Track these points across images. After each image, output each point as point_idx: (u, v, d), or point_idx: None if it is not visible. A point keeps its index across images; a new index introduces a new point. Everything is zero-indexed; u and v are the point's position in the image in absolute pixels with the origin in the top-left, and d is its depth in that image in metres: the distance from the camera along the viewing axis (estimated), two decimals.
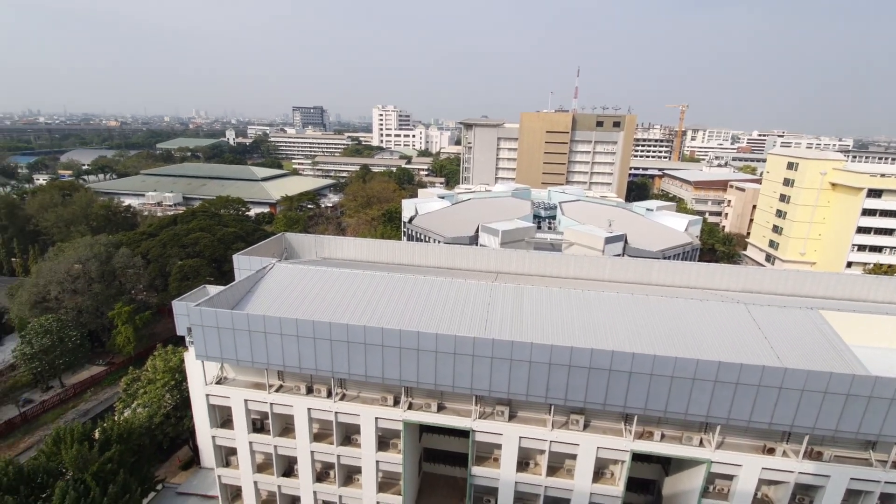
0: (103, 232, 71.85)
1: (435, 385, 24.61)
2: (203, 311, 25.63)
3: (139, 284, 59.22)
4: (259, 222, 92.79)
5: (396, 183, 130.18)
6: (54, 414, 47.10)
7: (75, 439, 30.06)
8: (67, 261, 54.74)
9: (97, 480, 28.51)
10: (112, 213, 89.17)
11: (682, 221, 61.58)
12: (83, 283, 53.81)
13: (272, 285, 30.32)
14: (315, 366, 25.39)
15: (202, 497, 34.00)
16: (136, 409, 36.00)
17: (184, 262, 60.33)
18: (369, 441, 27.23)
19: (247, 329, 25.38)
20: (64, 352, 48.39)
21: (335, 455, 28.13)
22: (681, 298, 29.09)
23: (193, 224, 69.85)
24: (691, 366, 21.91)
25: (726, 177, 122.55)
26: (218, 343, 25.96)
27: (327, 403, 26.89)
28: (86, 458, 29.23)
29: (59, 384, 50.64)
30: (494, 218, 57.57)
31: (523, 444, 25.72)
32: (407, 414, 26.18)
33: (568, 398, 23.56)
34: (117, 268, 56.80)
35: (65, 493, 27.13)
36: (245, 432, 28.64)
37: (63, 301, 52.81)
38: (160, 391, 35.98)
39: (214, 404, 28.80)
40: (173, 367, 37.00)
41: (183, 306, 27.73)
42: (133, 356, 53.77)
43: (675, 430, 25.05)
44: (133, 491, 30.12)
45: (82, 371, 53.36)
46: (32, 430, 45.05)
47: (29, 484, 28.28)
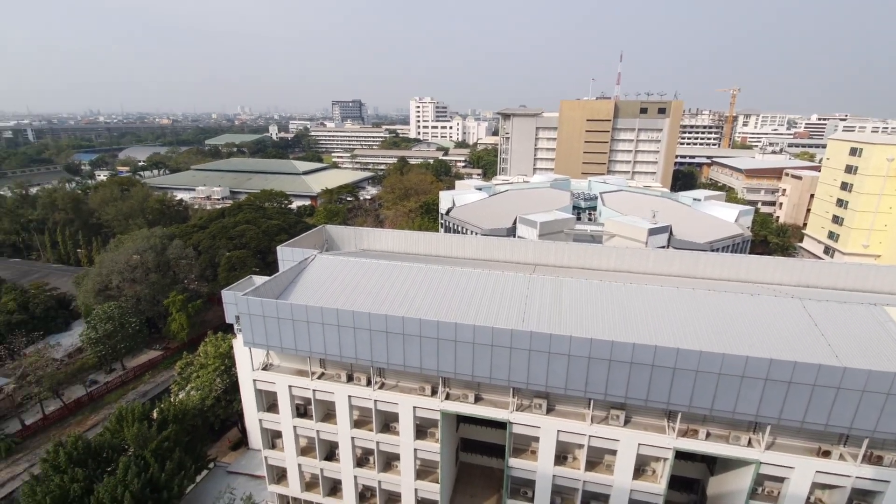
0: (158, 225, 76.00)
1: (472, 376, 24.75)
2: (250, 301, 26.76)
3: (191, 274, 62.37)
4: (301, 215, 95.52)
5: (433, 175, 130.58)
6: (117, 394, 50.62)
7: (136, 418, 32.24)
8: (127, 252, 58.31)
9: (156, 457, 30.53)
10: (166, 207, 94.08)
11: (732, 212, 58.70)
12: (141, 273, 57.23)
13: (314, 276, 31.23)
14: (355, 355, 26.05)
15: (250, 476, 35.75)
16: (189, 391, 38.16)
17: (231, 253, 63.07)
18: (407, 429, 27.76)
19: (290, 318, 26.31)
20: (125, 337, 51.77)
21: (374, 442, 28.86)
22: (730, 292, 27.85)
23: (240, 217, 72.77)
24: (740, 363, 21.01)
25: (781, 164, 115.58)
26: (264, 331, 27.06)
27: (367, 391, 27.57)
28: (145, 436, 31.31)
29: (120, 367, 54.30)
30: (532, 209, 56.83)
31: (561, 437, 25.51)
32: (444, 404, 26.48)
33: (608, 393, 23.15)
34: (171, 258, 60.01)
35: (127, 467, 29.21)
36: (289, 417, 29.82)
37: (123, 289, 56.39)
38: (211, 375, 37.96)
39: (261, 389, 30.11)
40: (223, 353, 38.89)
41: (231, 295, 29.03)
42: (186, 342, 56.87)
43: (722, 429, 24.15)
44: (188, 468, 32.08)
45: (141, 355, 56.97)
46: (98, 408, 48.62)
47: (96, 458, 30.62)
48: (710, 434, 23.97)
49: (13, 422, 44.78)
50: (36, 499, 27.87)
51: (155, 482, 29.65)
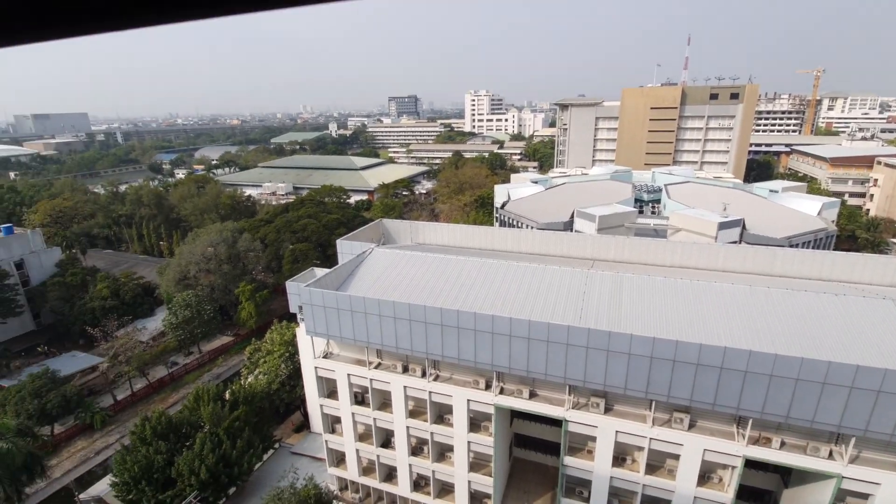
0: (229, 219, 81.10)
1: (527, 372, 24.53)
2: (312, 292, 28.02)
3: (258, 266, 66.13)
4: (358, 209, 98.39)
5: (488, 168, 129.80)
6: (194, 375, 54.85)
7: (211, 399, 34.79)
8: (202, 244, 62.77)
9: (228, 435, 32.83)
10: (236, 203, 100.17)
11: (815, 204, 53.87)
12: (215, 264, 61.44)
13: (371, 269, 32.14)
14: (410, 346, 26.60)
15: (312, 458, 37.58)
16: (257, 375, 40.62)
17: (294, 246, 66.21)
18: (461, 422, 28.02)
19: (349, 309, 27.29)
20: (201, 323, 55.89)
21: (429, 432, 29.39)
22: (811, 292, 25.66)
23: (302, 211, 76.12)
24: (821, 368, 19.36)
25: (872, 152, 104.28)
26: (325, 321, 28.26)
27: (422, 383, 28.10)
28: (219, 416, 33.73)
29: (197, 350, 58.73)
30: (591, 202, 55.11)
31: (620, 438, 24.75)
32: (498, 398, 26.46)
33: (671, 395, 22.14)
34: (241, 251, 63.94)
35: (203, 443, 31.65)
36: (348, 404, 31.02)
37: (199, 279, 60.82)
38: (277, 361, 40.18)
39: (322, 376, 31.52)
40: (287, 341, 41.02)
41: (295, 286, 30.52)
42: (254, 329, 60.46)
43: (799, 439, 22.41)
44: (256, 447, 34.26)
45: (215, 340, 61.27)
46: (178, 387, 52.95)
47: (176, 433, 33.41)
48: (784, 443, 22.32)
49: (106, 397, 49.74)
50: (126, 467, 30.90)
51: (227, 458, 31.93)
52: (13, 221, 79.99)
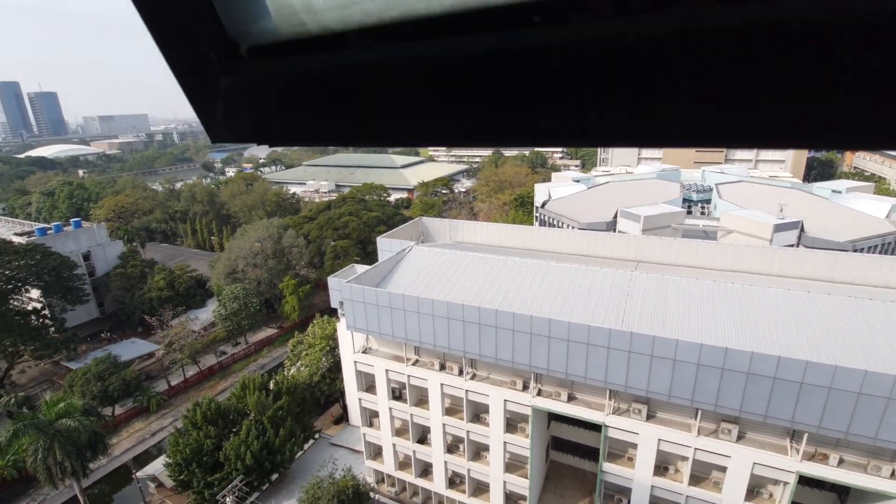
0: (275, 216, 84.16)
1: (566, 374, 24.13)
2: (352, 288, 28.66)
3: (302, 261, 68.28)
4: (398, 207, 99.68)
5: (529, 167, 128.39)
6: (241, 365, 57.33)
7: (256, 388, 36.25)
8: (249, 240, 65.45)
9: (272, 423, 34.13)
10: (282, 200, 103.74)
11: (883, 206, 49.99)
12: (261, 259, 63.94)
13: (411, 266, 32.50)
14: (448, 344, 26.72)
15: (350, 450, 38.48)
16: (299, 367, 41.99)
17: (336, 243, 67.90)
18: (497, 422, 27.92)
19: (388, 306, 27.72)
20: (248, 315, 58.32)
21: (465, 430, 29.45)
22: (877, 300, 23.87)
23: (343, 209, 77.90)
24: (888, 382, 17.99)
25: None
26: (364, 316, 28.84)
27: (458, 381, 28.18)
28: (264, 404, 35.11)
29: (244, 341, 61.34)
30: (636, 202, 53.45)
31: (662, 447, 23.93)
32: (535, 400, 26.17)
33: (719, 404, 21.19)
34: (285, 247, 66.21)
35: (249, 430, 33.05)
36: (386, 399, 31.54)
37: (247, 273, 63.47)
38: (318, 354, 41.38)
39: (361, 371, 32.20)
40: (328, 335, 42.15)
41: (336, 282, 31.32)
42: (297, 322, 62.49)
43: (860, 456, 20.93)
44: (297, 436, 35.45)
45: (260, 332, 63.78)
46: (226, 376, 55.51)
47: (224, 419, 35.04)
48: (843, 460, 20.91)
49: (161, 382, 52.80)
50: (178, 448, 32.72)
51: (270, 445, 33.22)
52: (81, 216, 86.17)
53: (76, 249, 64.75)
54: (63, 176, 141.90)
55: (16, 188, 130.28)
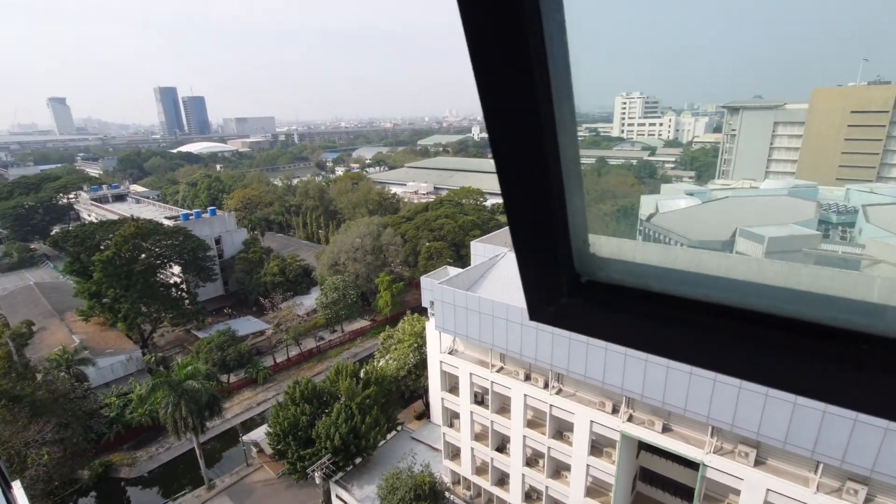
0: (376, 214, 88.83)
1: (662, 403, 22.33)
2: (444, 289, 29.24)
3: (397, 259, 71.30)
4: (494, 212, 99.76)
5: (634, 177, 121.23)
6: (336, 351, 61.38)
7: (348, 374, 38.50)
8: (352, 235, 69.86)
9: (359, 409, 36.03)
10: (383, 199, 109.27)
11: None
12: (360, 254, 67.91)
13: (503, 272, 32.33)
14: (535, 355, 26.13)
15: (429, 447, 39.25)
16: (388, 360, 43.83)
17: (430, 244, 69.86)
18: (581, 442, 26.68)
19: (477, 310, 27.84)
20: (345, 305, 62.29)
21: (546, 446, 28.57)
22: None
23: (440, 211, 79.86)
24: None
25: None
26: (453, 318, 29.27)
27: (543, 394, 27.42)
28: (353, 391, 37.18)
29: (340, 329, 65.59)
30: (759, 221, 47.93)
31: (771, 497, 21.12)
32: (626, 426, 24.58)
33: (846, 460, 18.18)
34: (383, 244, 69.64)
35: (339, 413, 35.21)
36: (468, 402, 31.70)
37: (347, 266, 67.81)
38: (406, 350, 42.86)
39: (445, 371, 32.73)
40: (417, 332, 43.47)
41: (428, 282, 32.19)
42: (389, 317, 65.34)
43: None
44: (381, 425, 37.00)
45: (355, 322, 67.74)
46: (323, 359, 59.78)
47: (318, 399, 37.70)
48: None
49: (268, 358, 58.35)
50: (278, 420, 35.90)
51: (357, 430, 35.08)
52: (216, 205, 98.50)
53: (210, 234, 74.06)
54: (204, 169, 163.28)
55: (168, 178, 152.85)
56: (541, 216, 1.41)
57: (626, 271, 1.50)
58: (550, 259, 1.47)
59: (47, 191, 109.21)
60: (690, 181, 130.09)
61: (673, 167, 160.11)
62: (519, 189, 1.38)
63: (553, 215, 1.40)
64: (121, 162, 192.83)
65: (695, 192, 64.66)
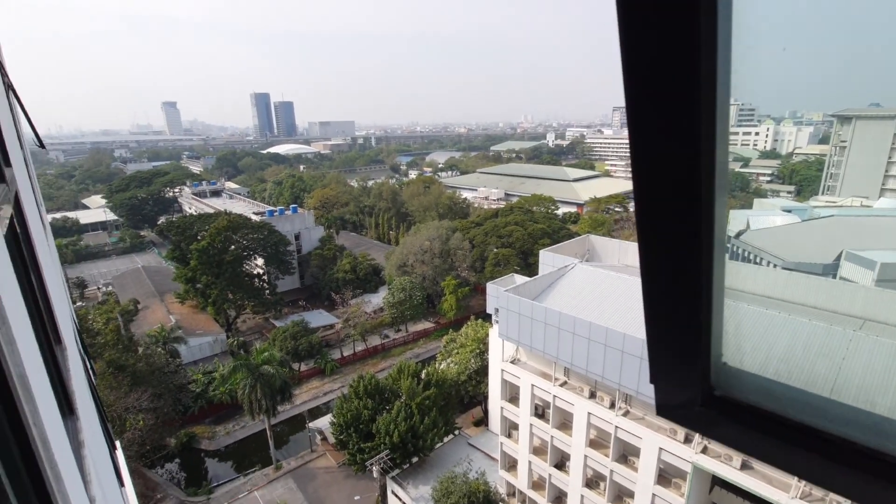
0: (446, 218, 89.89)
1: None
2: (509, 297, 28.88)
3: (464, 264, 71.62)
4: (565, 221, 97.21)
5: None
6: (399, 350, 62.79)
7: (410, 374, 39.19)
8: (421, 238, 71.22)
9: (419, 410, 36.52)
10: (453, 204, 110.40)
11: None
12: (428, 257, 69.04)
13: (571, 284, 31.36)
14: (602, 373, 25.01)
15: (486, 455, 38.89)
16: (449, 364, 44.04)
17: (498, 250, 69.42)
18: (648, 470, 25.10)
19: (543, 321, 27.19)
20: (411, 306, 63.59)
21: (608, 469, 27.21)
22: None
23: (510, 218, 79.16)
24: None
25: None
26: (518, 327, 28.82)
27: (608, 415, 26.17)
28: (414, 391, 37.76)
29: (405, 329, 67.03)
30: (871, 243, 42.54)
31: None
32: (699, 458, 22.76)
33: None
34: (451, 248, 70.31)
35: (399, 410, 35.92)
36: (528, 413, 31.01)
37: (415, 268, 69.21)
38: (468, 355, 42.83)
39: (506, 380, 32.28)
40: (479, 338, 43.30)
41: (494, 289, 31.96)
42: (452, 320, 65.74)
43: None
44: (439, 427, 37.22)
45: (419, 324, 68.91)
46: (386, 357, 61.40)
47: (381, 395, 38.72)
48: None
49: (336, 351, 60.96)
50: (342, 412, 37.32)
51: (415, 430, 35.57)
52: (298, 203, 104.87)
53: (291, 230, 78.92)
54: (289, 170, 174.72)
55: (257, 177, 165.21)
56: (686, 324, 1.37)
57: (763, 392, 1.47)
58: (687, 369, 1.47)
59: (157, 185, 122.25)
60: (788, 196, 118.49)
61: (769, 180, 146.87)
62: (668, 288, 1.34)
63: (700, 326, 1.36)
64: (218, 161, 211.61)
65: (793, 208, 58.72)
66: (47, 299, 4.04)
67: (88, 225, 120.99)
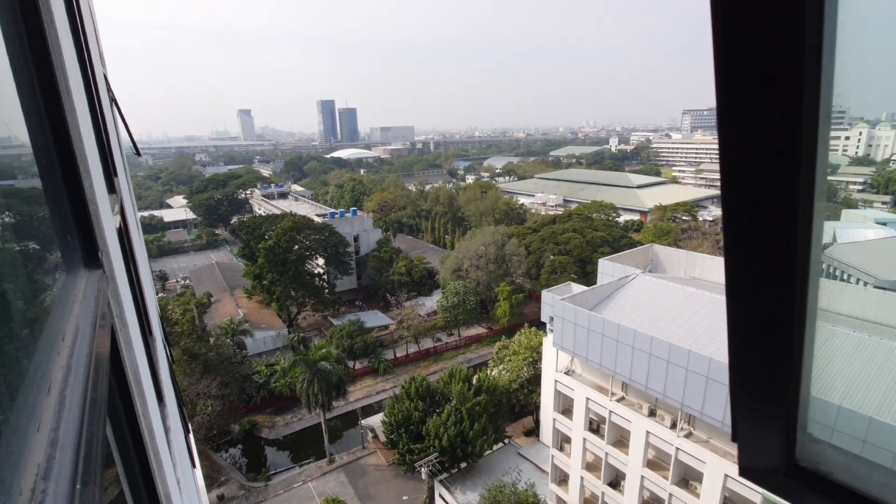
0: (502, 224, 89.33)
1: None
2: (566, 306, 28.20)
3: (519, 270, 70.78)
4: (626, 229, 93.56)
5: None
6: (451, 354, 63.03)
7: (461, 378, 39.23)
8: (476, 243, 71.22)
9: (469, 415, 36.45)
10: (510, 209, 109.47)
11: None
12: (483, 262, 68.90)
13: (632, 295, 30.11)
14: (663, 391, 23.78)
15: (535, 466, 38.10)
16: (501, 371, 43.62)
17: (555, 258, 68.02)
18: (711, 497, 23.50)
19: (601, 332, 26.29)
20: (464, 311, 63.69)
21: (667, 492, 25.78)
22: None
23: (568, 225, 77.35)
24: None
25: None
26: (573, 337, 28.06)
27: (669, 435, 24.81)
28: (464, 396, 37.75)
29: (457, 334, 67.22)
30: None
31: None
32: None
33: None
34: (506, 254, 69.74)
35: (449, 414, 36.03)
36: (581, 428, 30.07)
37: (469, 273, 69.30)
38: (520, 363, 42.22)
39: (560, 391, 31.49)
40: (533, 347, 42.56)
41: (549, 297, 31.33)
42: (505, 327, 65.11)
43: None
44: (489, 434, 36.94)
45: (471, 328, 68.84)
46: (438, 360, 61.84)
47: (431, 398, 39.01)
48: None
49: (389, 352, 62.22)
50: (393, 411, 37.99)
51: (464, 435, 35.52)
52: (357, 206, 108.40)
53: (350, 232, 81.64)
54: (350, 173, 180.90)
55: (321, 180, 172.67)
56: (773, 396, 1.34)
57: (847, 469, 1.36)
58: (770, 436, 1.42)
59: (231, 187, 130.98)
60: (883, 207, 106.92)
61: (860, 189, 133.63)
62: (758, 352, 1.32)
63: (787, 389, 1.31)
64: (286, 165, 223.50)
65: (889, 221, 53.00)
66: (142, 293, 4.47)
67: (171, 223, 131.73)
